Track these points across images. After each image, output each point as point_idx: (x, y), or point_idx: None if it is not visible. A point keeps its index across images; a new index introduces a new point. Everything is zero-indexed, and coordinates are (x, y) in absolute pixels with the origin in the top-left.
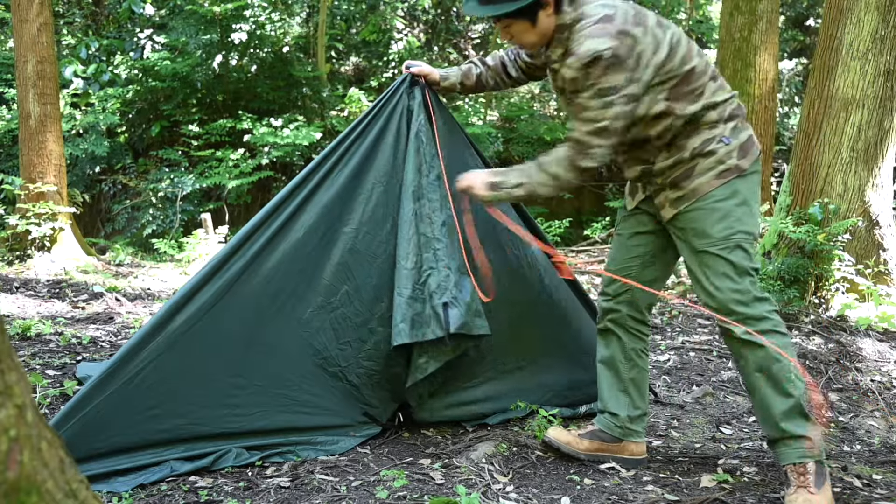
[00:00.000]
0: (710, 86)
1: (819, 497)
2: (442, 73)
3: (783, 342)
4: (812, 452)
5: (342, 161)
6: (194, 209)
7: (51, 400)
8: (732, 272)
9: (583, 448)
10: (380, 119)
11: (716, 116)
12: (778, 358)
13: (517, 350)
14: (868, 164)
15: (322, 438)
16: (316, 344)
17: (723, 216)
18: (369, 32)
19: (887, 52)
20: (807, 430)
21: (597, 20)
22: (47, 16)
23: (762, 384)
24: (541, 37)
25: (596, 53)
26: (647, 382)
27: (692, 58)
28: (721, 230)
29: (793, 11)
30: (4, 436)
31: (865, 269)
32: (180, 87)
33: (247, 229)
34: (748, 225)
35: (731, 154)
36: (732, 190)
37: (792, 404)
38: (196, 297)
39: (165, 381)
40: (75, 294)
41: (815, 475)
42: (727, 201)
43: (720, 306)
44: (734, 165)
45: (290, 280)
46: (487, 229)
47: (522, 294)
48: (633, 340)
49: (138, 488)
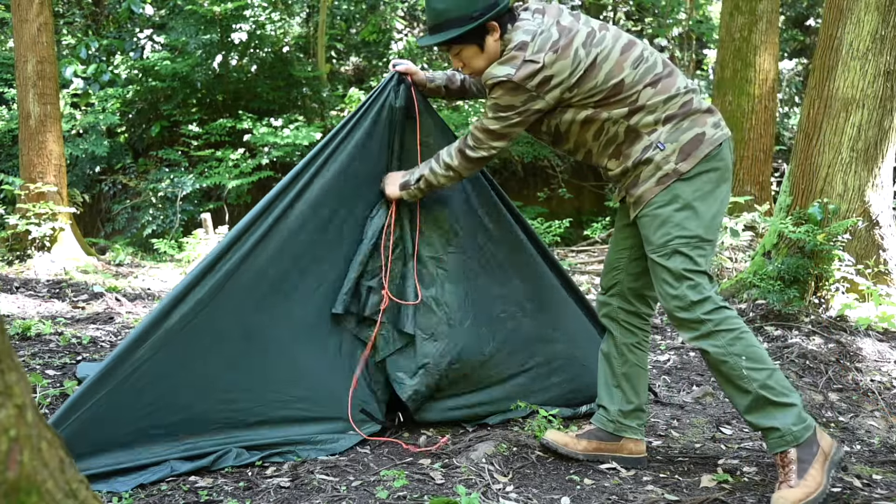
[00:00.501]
0: (646, 92)
1: (796, 490)
2: (428, 76)
3: (726, 339)
4: (785, 440)
5: (332, 158)
6: (194, 209)
7: (51, 400)
8: (671, 278)
9: (580, 449)
10: (368, 117)
11: (652, 120)
12: (724, 359)
13: (522, 357)
14: (868, 164)
15: (322, 437)
16: (310, 338)
17: (661, 223)
18: (369, 32)
19: (887, 52)
20: (775, 420)
21: (512, 47)
22: (47, 16)
23: (722, 383)
24: (488, 61)
25: (496, 79)
26: (644, 378)
27: (621, 70)
28: (660, 237)
29: (793, 11)
30: (4, 436)
31: (865, 269)
32: (180, 87)
33: (239, 227)
34: (689, 229)
35: (669, 158)
36: (673, 195)
37: (752, 399)
38: (190, 294)
39: (163, 378)
40: (75, 294)
41: (797, 463)
42: (666, 207)
43: (668, 311)
44: (672, 170)
45: (284, 277)
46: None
47: (527, 299)
48: (624, 334)
49: (138, 488)
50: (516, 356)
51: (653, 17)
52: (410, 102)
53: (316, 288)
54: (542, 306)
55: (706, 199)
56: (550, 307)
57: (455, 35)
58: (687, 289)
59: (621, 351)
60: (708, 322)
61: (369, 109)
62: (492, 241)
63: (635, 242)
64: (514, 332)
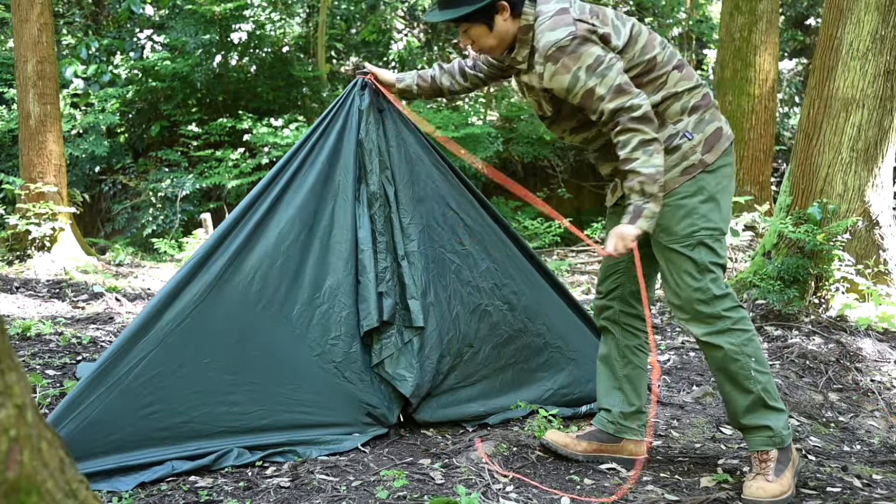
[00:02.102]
0: (674, 75)
1: (774, 485)
2: (398, 76)
3: (742, 339)
4: (773, 441)
5: (309, 159)
6: (194, 209)
7: (51, 400)
8: (694, 270)
9: (580, 450)
10: (339, 119)
11: (679, 109)
12: (736, 357)
13: (510, 349)
14: (868, 164)
15: (326, 438)
16: (308, 340)
17: (687, 213)
18: (369, 32)
19: (887, 52)
20: (769, 420)
21: (552, 14)
22: (47, 16)
23: (723, 381)
24: (499, 40)
25: (558, 43)
26: (645, 380)
27: (653, 48)
28: (685, 227)
29: (793, 11)
30: (4, 436)
31: (865, 269)
32: (180, 87)
33: (223, 228)
34: (714, 221)
35: (696, 149)
36: (698, 186)
37: (752, 400)
38: (181, 294)
39: (159, 378)
40: (75, 294)
41: (775, 462)
42: (692, 198)
43: (683, 304)
44: (699, 160)
45: (273, 278)
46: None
47: (510, 292)
48: (626, 337)
49: (138, 488)
50: (503, 349)
51: (653, 16)
52: (377, 104)
53: (305, 289)
54: (526, 301)
55: (724, 192)
56: (535, 302)
57: (463, 14)
58: (710, 282)
59: (623, 353)
60: (727, 319)
61: (339, 112)
62: (471, 237)
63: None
64: (500, 326)
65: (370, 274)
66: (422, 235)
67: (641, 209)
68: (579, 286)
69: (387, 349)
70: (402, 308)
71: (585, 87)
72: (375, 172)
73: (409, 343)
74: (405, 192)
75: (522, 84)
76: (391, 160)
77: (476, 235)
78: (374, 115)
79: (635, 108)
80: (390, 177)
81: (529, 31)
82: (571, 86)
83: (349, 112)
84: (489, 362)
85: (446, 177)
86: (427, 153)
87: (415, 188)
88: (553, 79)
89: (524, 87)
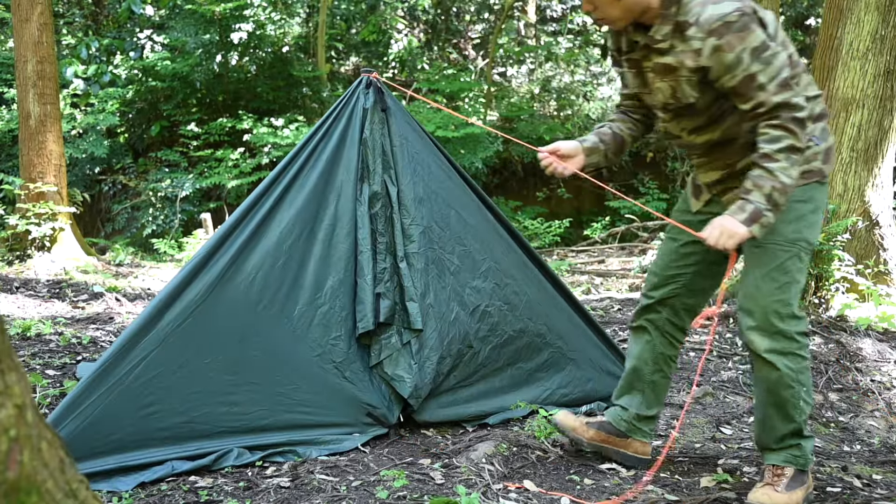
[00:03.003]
0: (805, 78)
1: (782, 496)
2: (579, 139)
3: (801, 366)
4: (797, 461)
5: (312, 159)
6: (194, 209)
7: (51, 400)
8: (782, 278)
9: (588, 436)
10: (342, 118)
11: (807, 114)
12: (790, 384)
13: (510, 350)
14: (868, 164)
15: (326, 438)
16: (309, 340)
17: (797, 217)
18: (369, 32)
19: (887, 52)
20: (799, 442)
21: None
22: (48, 16)
23: (768, 403)
24: (624, 12)
25: (724, 17)
26: (667, 390)
27: (788, 45)
28: (792, 231)
29: (793, 11)
30: (4, 436)
31: (865, 269)
32: (180, 87)
33: (225, 228)
34: (814, 236)
35: (818, 156)
36: (809, 195)
37: (792, 430)
38: (183, 294)
39: (160, 378)
40: (75, 294)
41: (789, 479)
42: (804, 204)
43: (756, 310)
44: (818, 169)
45: (274, 278)
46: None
47: (511, 292)
48: (665, 346)
49: (138, 488)
50: (503, 349)
51: None
52: (381, 102)
53: (306, 289)
54: (527, 300)
55: (820, 211)
56: (536, 301)
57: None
58: (794, 298)
59: (657, 360)
60: (795, 343)
61: (342, 112)
62: (472, 237)
63: (702, 259)
64: (500, 326)
65: (368, 276)
66: (422, 237)
67: (761, 214)
68: (579, 286)
69: (386, 350)
70: (402, 309)
71: (747, 72)
72: (378, 172)
73: (408, 344)
74: (407, 193)
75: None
76: (395, 160)
77: (478, 235)
78: (378, 114)
79: (799, 109)
80: (393, 177)
81: (672, 5)
82: (733, 65)
83: (353, 111)
84: (489, 363)
85: (449, 177)
86: (430, 153)
87: (417, 188)
88: (713, 55)
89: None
